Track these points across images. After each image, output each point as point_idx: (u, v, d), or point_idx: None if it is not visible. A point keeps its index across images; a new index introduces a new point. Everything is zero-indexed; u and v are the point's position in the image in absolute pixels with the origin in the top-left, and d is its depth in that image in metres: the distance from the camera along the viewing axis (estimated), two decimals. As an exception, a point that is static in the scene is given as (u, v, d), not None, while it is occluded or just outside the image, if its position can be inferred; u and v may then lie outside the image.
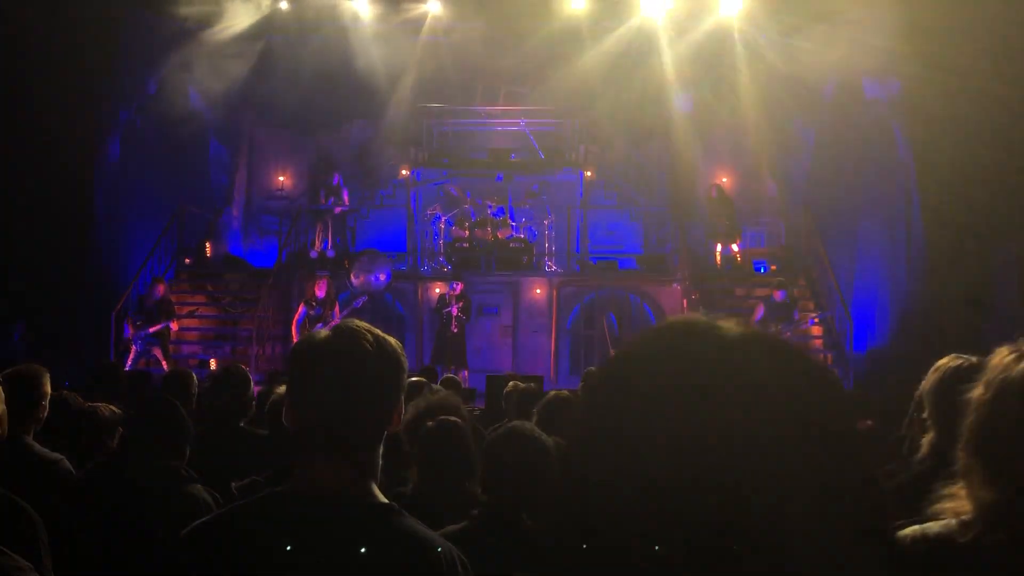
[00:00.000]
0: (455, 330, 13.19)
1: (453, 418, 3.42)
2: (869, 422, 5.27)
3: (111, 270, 15.49)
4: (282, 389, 3.49)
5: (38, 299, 14.15)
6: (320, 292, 12.07)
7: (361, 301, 12.66)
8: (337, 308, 12.28)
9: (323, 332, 1.75)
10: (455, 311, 13.21)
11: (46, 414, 3.84)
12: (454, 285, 13.56)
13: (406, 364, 1.78)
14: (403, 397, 1.76)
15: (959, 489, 1.44)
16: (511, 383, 6.77)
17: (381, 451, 1.73)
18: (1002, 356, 1.49)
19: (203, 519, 1.70)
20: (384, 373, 1.70)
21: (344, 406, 1.67)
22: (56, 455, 3.74)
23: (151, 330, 12.38)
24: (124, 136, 16.21)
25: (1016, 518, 1.34)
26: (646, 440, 0.81)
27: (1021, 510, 1.34)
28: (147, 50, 15.92)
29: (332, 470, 1.66)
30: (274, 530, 1.61)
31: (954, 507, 1.44)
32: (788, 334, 11.76)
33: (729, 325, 0.87)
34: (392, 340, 1.77)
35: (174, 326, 12.51)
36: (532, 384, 6.83)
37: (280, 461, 3.31)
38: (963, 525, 1.41)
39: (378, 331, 1.77)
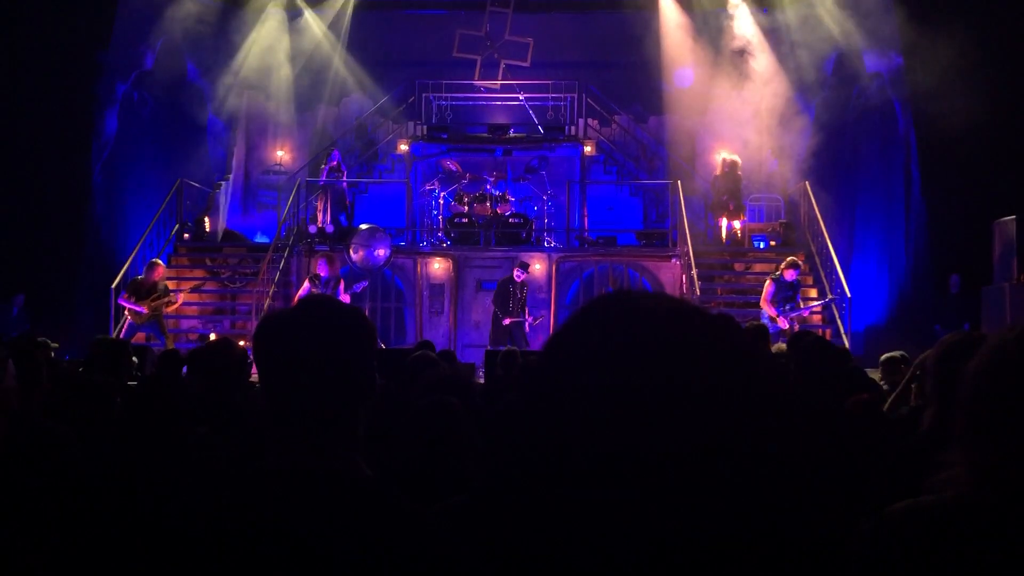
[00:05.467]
0: (536, 325, 13.15)
1: (448, 399, 3.42)
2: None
3: (109, 244, 15.47)
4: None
5: (37, 273, 14.16)
6: (323, 271, 11.96)
7: (361, 286, 12.57)
8: (343, 285, 12.17)
9: (283, 310, 1.76)
10: (531, 319, 13.10)
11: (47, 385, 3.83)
12: (519, 273, 13.08)
13: (375, 333, 1.78)
14: (373, 365, 1.74)
15: (954, 456, 1.45)
16: None
17: (362, 424, 1.70)
18: (1003, 328, 1.50)
19: (182, 497, 1.67)
20: (349, 343, 1.69)
21: (313, 381, 1.64)
22: (64, 428, 3.74)
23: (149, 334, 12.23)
24: (121, 110, 16.14)
25: (1008, 481, 1.35)
26: (582, 409, 0.82)
27: (1012, 471, 1.35)
28: (144, 23, 15.82)
29: (310, 445, 1.64)
30: (256, 507, 1.58)
31: (948, 475, 1.45)
32: (803, 314, 11.75)
33: (660, 298, 0.89)
34: (356, 309, 1.79)
35: (145, 309, 12.02)
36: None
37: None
38: (956, 492, 1.42)
39: (341, 302, 1.80)
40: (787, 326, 11.49)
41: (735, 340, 0.87)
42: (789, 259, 12.14)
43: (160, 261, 12.89)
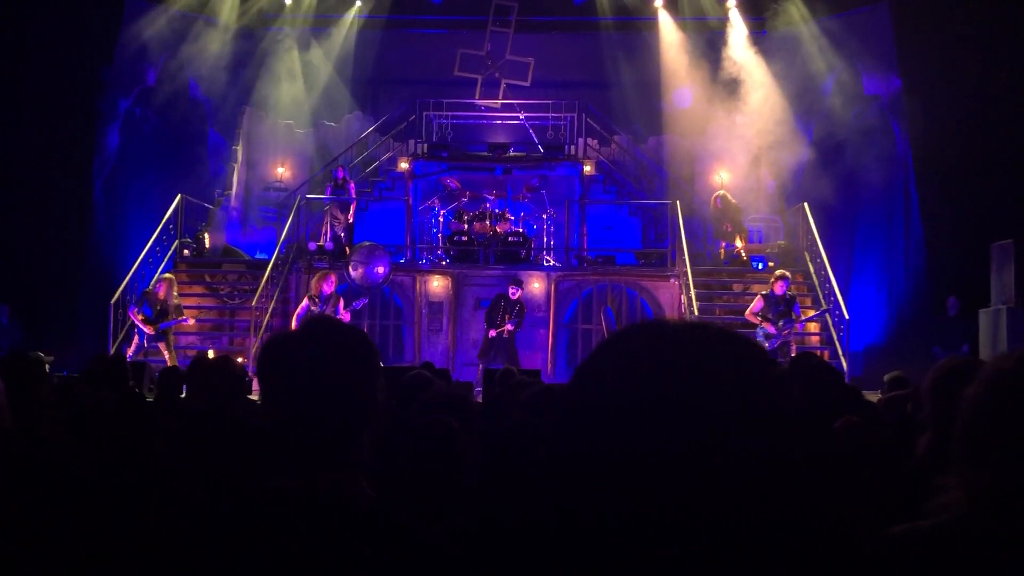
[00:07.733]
0: (506, 336, 13.23)
1: (445, 419, 3.42)
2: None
3: (110, 260, 15.49)
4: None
5: (38, 287, 14.16)
6: (327, 288, 11.99)
7: (361, 303, 12.61)
8: (342, 304, 12.18)
9: (288, 331, 1.79)
10: (511, 326, 13.17)
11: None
12: (513, 290, 13.40)
13: (377, 353, 1.78)
14: (378, 386, 1.73)
15: (952, 480, 1.46)
16: None
17: (366, 445, 1.70)
18: (1000, 356, 1.52)
19: (181, 516, 1.68)
20: (354, 364, 1.69)
21: (317, 402, 1.64)
22: (70, 448, 3.74)
23: (163, 326, 12.16)
24: (123, 126, 16.21)
25: (1005, 506, 1.37)
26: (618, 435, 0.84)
27: (1010, 496, 1.36)
28: (147, 41, 15.92)
29: (313, 465, 1.64)
30: (257, 527, 1.58)
31: (947, 499, 1.46)
32: (787, 331, 11.72)
33: (685, 326, 0.91)
34: (358, 330, 1.81)
35: (149, 330, 12.08)
36: (528, 376, 6.87)
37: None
38: (954, 516, 1.43)
39: (344, 323, 1.83)
40: (774, 331, 11.49)
41: (755, 364, 0.89)
42: (777, 272, 12.12)
43: (171, 276, 12.90)
